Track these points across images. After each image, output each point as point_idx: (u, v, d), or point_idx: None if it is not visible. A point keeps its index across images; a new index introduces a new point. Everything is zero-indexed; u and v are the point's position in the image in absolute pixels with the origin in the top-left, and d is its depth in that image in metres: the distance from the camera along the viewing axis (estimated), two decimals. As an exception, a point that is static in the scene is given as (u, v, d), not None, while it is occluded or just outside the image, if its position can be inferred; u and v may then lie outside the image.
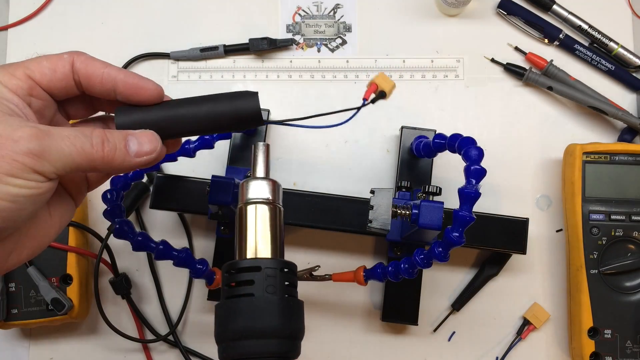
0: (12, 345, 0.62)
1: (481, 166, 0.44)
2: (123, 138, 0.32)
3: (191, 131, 0.35)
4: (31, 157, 0.28)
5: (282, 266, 0.36)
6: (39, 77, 0.32)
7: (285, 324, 0.35)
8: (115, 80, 0.33)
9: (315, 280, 0.57)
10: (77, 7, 0.67)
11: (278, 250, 0.38)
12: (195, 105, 0.35)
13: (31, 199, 0.29)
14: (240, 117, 0.35)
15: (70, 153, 0.30)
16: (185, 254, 0.54)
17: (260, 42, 0.65)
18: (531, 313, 0.61)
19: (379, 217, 0.47)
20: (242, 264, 0.36)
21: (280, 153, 0.65)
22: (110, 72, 0.33)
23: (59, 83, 0.33)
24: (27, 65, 0.32)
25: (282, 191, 0.40)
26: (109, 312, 0.60)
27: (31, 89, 0.32)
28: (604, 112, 0.63)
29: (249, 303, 0.35)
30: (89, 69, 0.33)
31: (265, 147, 0.40)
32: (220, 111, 0.35)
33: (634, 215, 0.59)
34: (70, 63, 0.33)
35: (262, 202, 0.38)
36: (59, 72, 0.33)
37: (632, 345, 0.57)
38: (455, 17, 0.67)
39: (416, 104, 0.65)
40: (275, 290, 0.35)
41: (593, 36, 0.66)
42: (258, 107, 0.35)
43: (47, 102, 0.34)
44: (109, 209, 0.52)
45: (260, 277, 0.35)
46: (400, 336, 0.62)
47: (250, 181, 0.39)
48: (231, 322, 0.35)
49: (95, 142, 0.31)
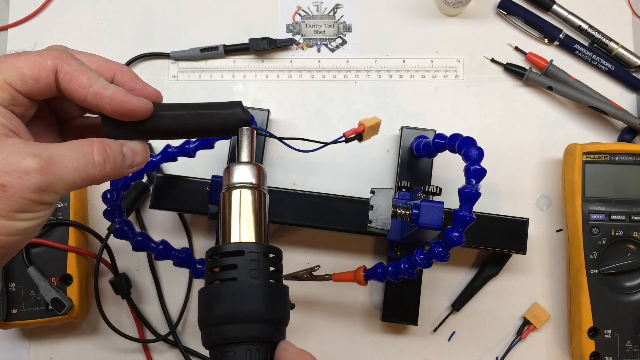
0: (12, 345, 0.62)
1: (481, 166, 0.44)
2: (120, 152, 0.33)
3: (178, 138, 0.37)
4: (38, 193, 0.29)
5: (266, 250, 0.36)
6: (19, 86, 0.31)
7: (268, 308, 0.34)
8: (102, 101, 0.32)
9: (315, 280, 0.57)
10: (77, 7, 0.67)
11: (262, 235, 0.37)
12: (182, 115, 0.36)
13: (38, 227, 0.31)
14: (226, 127, 0.36)
15: (74, 179, 0.31)
16: (185, 254, 0.54)
17: (260, 42, 0.65)
18: (531, 313, 0.61)
19: (379, 217, 0.47)
20: (225, 248, 0.35)
21: (280, 153, 0.65)
22: (96, 92, 0.31)
23: (41, 92, 0.32)
24: (5, 70, 0.31)
25: (267, 177, 0.39)
26: (109, 312, 0.60)
27: (14, 100, 0.31)
28: (604, 112, 0.63)
29: (231, 287, 0.34)
30: (73, 85, 0.31)
31: (250, 132, 0.38)
32: (207, 121, 0.36)
33: (634, 215, 0.59)
34: (54, 72, 0.31)
35: (247, 186, 0.37)
36: (41, 82, 0.31)
37: (632, 345, 0.57)
38: (455, 17, 0.67)
39: (416, 104, 0.65)
40: (259, 274, 0.34)
41: (593, 36, 0.66)
42: (247, 118, 0.36)
43: (29, 105, 0.32)
44: (109, 209, 0.52)
45: (244, 262, 0.34)
46: (400, 336, 0.62)
47: (234, 166, 0.38)
48: (214, 307, 0.34)
49: (97, 161, 0.31)
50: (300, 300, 0.62)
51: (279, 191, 0.58)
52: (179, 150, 0.56)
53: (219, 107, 0.36)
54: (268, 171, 0.64)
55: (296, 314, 0.62)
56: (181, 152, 0.56)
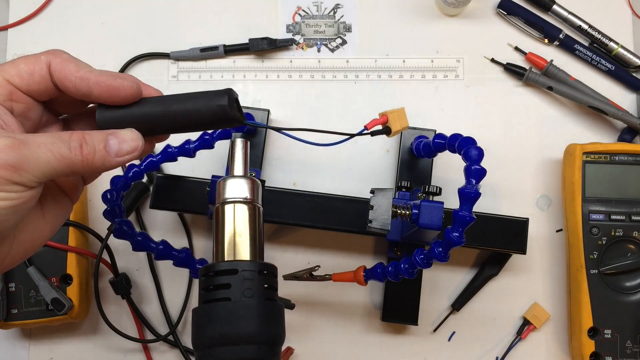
0: (12, 345, 0.62)
1: (481, 166, 0.44)
2: (103, 139, 0.32)
3: (174, 128, 0.35)
4: (9, 169, 0.28)
5: (261, 268, 0.35)
6: (17, 81, 0.32)
7: (262, 329, 0.33)
8: (89, 84, 0.33)
9: (315, 280, 0.57)
10: (77, 7, 0.67)
11: (257, 252, 0.36)
12: (176, 102, 0.34)
13: (13, 210, 0.29)
14: (215, 116, 0.34)
15: (49, 160, 0.30)
16: (185, 254, 0.54)
17: (260, 42, 0.65)
18: (531, 313, 0.61)
19: (379, 217, 0.47)
20: (218, 267, 0.34)
21: (280, 153, 0.65)
22: (83, 75, 0.33)
23: (38, 86, 0.33)
24: (4, 69, 0.32)
25: (261, 190, 0.38)
26: (109, 312, 0.60)
27: (11, 94, 0.32)
28: (604, 112, 0.63)
29: (225, 308, 0.33)
30: (63, 73, 0.33)
31: (244, 143, 0.38)
32: (199, 107, 0.34)
33: (634, 215, 0.59)
34: (47, 65, 0.33)
35: (241, 201, 0.36)
36: (36, 75, 0.33)
37: (632, 345, 0.57)
38: (455, 17, 0.67)
39: (416, 104, 0.65)
40: (253, 294, 0.34)
41: (593, 36, 0.66)
42: (225, 105, 0.34)
43: (30, 105, 0.33)
44: (109, 209, 0.52)
45: (237, 281, 0.34)
46: (400, 336, 0.62)
47: (227, 180, 0.37)
48: (207, 328, 0.33)
49: (73, 146, 0.31)
50: (300, 300, 0.62)
51: (279, 191, 0.58)
52: (179, 150, 0.56)
53: (208, 93, 0.35)
54: (268, 171, 0.64)
55: (296, 314, 0.62)
56: (181, 152, 0.56)
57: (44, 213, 0.34)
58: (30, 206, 0.31)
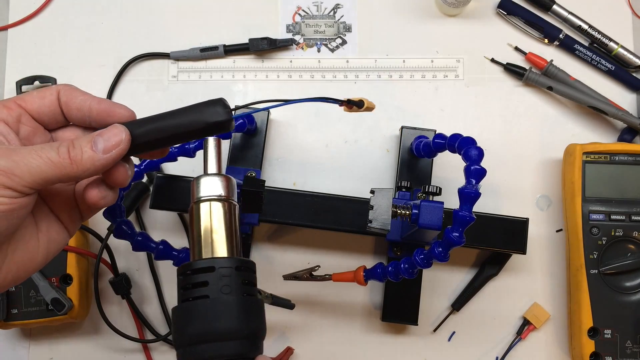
0: (12, 345, 0.62)
1: (481, 166, 0.44)
2: (89, 140, 0.33)
3: (164, 139, 0.35)
4: (1, 174, 0.29)
5: (238, 265, 0.35)
6: (28, 105, 0.34)
7: (242, 324, 0.33)
8: (90, 107, 0.35)
9: (315, 280, 0.57)
10: (77, 7, 0.67)
11: (234, 248, 0.36)
12: (165, 118, 0.34)
13: (4, 215, 0.30)
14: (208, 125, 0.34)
15: (39, 165, 0.31)
16: (185, 254, 0.54)
17: (260, 42, 0.65)
18: (531, 313, 0.61)
19: (379, 217, 0.47)
20: (195, 265, 0.35)
21: (280, 153, 0.65)
22: (85, 99, 0.35)
23: (47, 109, 0.35)
24: (18, 95, 0.35)
25: (236, 187, 0.38)
26: (109, 312, 0.60)
27: (20, 116, 0.34)
28: (604, 112, 0.63)
29: (204, 305, 0.33)
30: (69, 97, 0.35)
31: (216, 142, 0.38)
32: (190, 119, 0.34)
33: (634, 215, 0.59)
34: (57, 92, 0.35)
35: (215, 199, 0.36)
36: (46, 100, 0.35)
37: (632, 345, 0.57)
38: (455, 17, 0.67)
39: (416, 104, 0.65)
40: (231, 290, 0.34)
41: (593, 36, 0.66)
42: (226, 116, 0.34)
43: (37, 130, 0.35)
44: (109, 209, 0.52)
45: (215, 278, 0.34)
46: (400, 336, 0.62)
47: (201, 178, 0.37)
48: (187, 326, 0.33)
49: (61, 150, 0.32)
50: (300, 300, 0.62)
51: (279, 191, 0.58)
52: (179, 150, 0.56)
53: (198, 105, 0.35)
54: (268, 171, 0.64)
55: (296, 314, 0.62)
56: (181, 152, 0.56)
57: (39, 237, 0.34)
58: (22, 215, 0.31)
